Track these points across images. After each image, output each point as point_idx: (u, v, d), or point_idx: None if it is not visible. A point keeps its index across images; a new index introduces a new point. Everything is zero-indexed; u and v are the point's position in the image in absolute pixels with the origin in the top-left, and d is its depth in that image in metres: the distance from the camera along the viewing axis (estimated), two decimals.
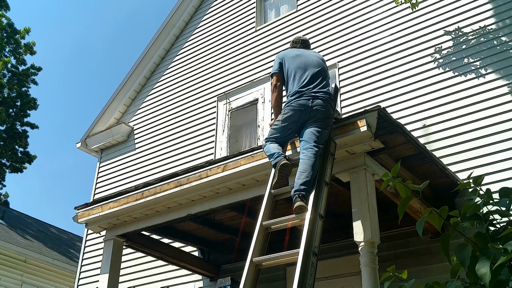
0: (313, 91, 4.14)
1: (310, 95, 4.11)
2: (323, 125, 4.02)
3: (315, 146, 3.88)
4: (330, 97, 4.19)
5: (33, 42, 21.67)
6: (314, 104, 4.05)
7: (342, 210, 5.30)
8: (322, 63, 4.46)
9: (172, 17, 9.60)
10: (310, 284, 3.24)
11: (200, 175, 4.87)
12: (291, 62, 4.42)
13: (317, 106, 4.05)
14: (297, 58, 4.44)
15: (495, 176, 5.21)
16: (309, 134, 3.96)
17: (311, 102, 4.06)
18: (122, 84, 9.69)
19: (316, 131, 3.96)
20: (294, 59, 4.44)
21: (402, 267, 5.27)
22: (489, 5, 6.25)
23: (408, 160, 4.51)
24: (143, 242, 6.03)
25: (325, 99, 4.12)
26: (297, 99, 4.12)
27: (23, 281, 13.26)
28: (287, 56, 4.49)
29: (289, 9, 8.35)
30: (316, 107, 4.04)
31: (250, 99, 7.87)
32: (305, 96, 4.11)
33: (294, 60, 4.43)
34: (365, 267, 3.72)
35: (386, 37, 6.87)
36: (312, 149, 3.86)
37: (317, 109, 4.04)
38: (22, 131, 20.99)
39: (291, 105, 4.13)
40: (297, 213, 3.60)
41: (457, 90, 5.99)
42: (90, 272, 8.50)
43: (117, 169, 9.23)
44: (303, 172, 3.73)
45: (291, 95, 4.20)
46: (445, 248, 1.67)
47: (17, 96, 20.95)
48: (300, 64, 4.37)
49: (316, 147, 3.88)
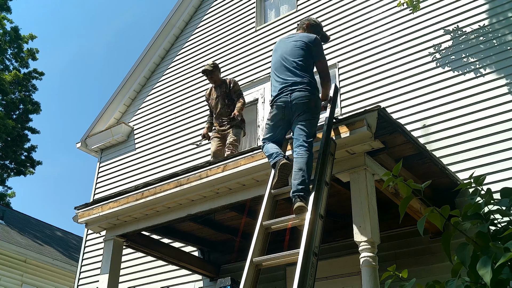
0: (290, 85, 4.06)
1: (287, 89, 4.05)
2: (309, 117, 3.97)
3: (305, 141, 3.86)
4: (311, 84, 4.08)
5: (36, 49, 21.72)
6: (293, 98, 3.99)
7: (342, 210, 5.30)
8: (303, 47, 4.23)
9: (172, 17, 9.59)
10: (310, 284, 3.24)
11: (200, 175, 4.87)
12: (273, 56, 4.40)
13: (296, 99, 3.98)
14: (277, 51, 4.37)
15: (495, 176, 5.20)
16: (297, 131, 3.95)
17: (289, 97, 4.01)
18: (122, 84, 9.69)
19: (302, 126, 3.93)
20: (275, 52, 4.39)
21: (402, 267, 5.26)
22: (488, 5, 6.25)
23: (408, 160, 4.51)
24: (143, 242, 6.03)
25: (304, 89, 4.02)
26: (279, 96, 4.10)
27: (23, 281, 13.26)
28: (274, 50, 4.47)
29: (289, 9, 8.35)
30: (295, 101, 3.98)
31: (250, 99, 7.87)
32: (284, 92, 4.06)
33: (275, 53, 4.39)
34: (365, 267, 3.72)
35: (386, 37, 6.87)
36: (303, 145, 3.84)
37: (297, 103, 3.98)
38: (23, 135, 20.99)
39: (275, 103, 4.12)
40: (297, 213, 3.59)
41: (457, 90, 5.99)
42: (90, 272, 8.50)
43: (117, 169, 9.23)
44: (299, 171, 3.71)
45: (274, 92, 4.18)
46: (446, 247, 1.67)
47: (20, 101, 20.95)
48: (278, 57, 4.30)
49: (306, 142, 3.86)
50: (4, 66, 20.88)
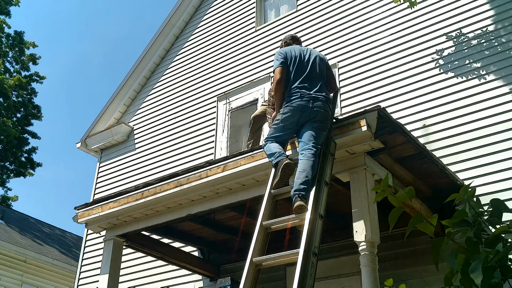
0: (313, 93, 4.15)
1: (311, 96, 4.13)
2: (321, 127, 4.05)
3: (314, 146, 3.90)
4: (329, 99, 4.24)
5: (38, 56, 21.74)
6: (314, 105, 4.08)
7: (342, 210, 5.30)
8: (324, 63, 4.47)
9: (172, 17, 9.59)
10: (310, 284, 3.24)
11: (200, 175, 4.87)
12: (294, 60, 4.39)
13: (317, 107, 4.07)
14: (300, 57, 4.41)
15: (495, 176, 5.21)
16: (308, 135, 3.98)
17: (311, 104, 4.08)
18: (122, 84, 9.69)
19: (314, 132, 3.99)
20: (297, 58, 4.41)
21: (402, 267, 5.30)
22: (488, 5, 6.25)
23: (408, 160, 4.51)
24: (143, 242, 6.03)
25: (324, 101, 4.16)
26: (298, 100, 4.12)
27: (23, 281, 13.27)
28: (290, 53, 4.43)
29: (289, 9, 8.35)
30: (316, 108, 4.07)
31: (250, 99, 7.87)
32: (306, 97, 4.12)
33: (297, 58, 4.40)
34: (365, 267, 3.72)
35: (386, 37, 6.87)
36: (311, 149, 3.88)
37: (317, 110, 4.06)
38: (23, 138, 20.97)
39: (291, 105, 4.12)
40: (297, 213, 3.60)
41: (457, 90, 5.99)
42: (90, 272, 8.50)
43: (117, 169, 9.23)
44: (303, 171, 3.74)
45: (292, 95, 4.18)
46: (435, 254, 1.67)
47: (21, 104, 20.94)
48: (302, 63, 4.35)
49: (314, 147, 3.90)
50: (4, 69, 20.87)
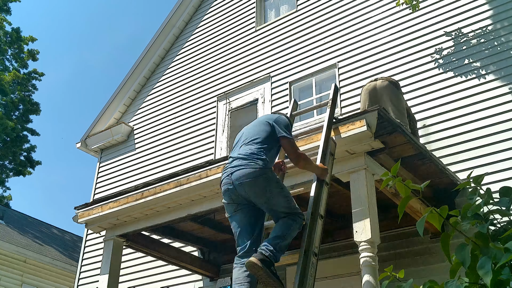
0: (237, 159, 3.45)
1: (228, 168, 3.48)
2: (264, 194, 3.36)
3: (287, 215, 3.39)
4: (258, 153, 3.40)
5: (36, 51, 21.70)
6: (234, 179, 3.38)
7: (342, 210, 5.30)
8: (263, 124, 3.66)
9: (172, 17, 9.59)
10: (310, 284, 3.24)
11: (200, 175, 4.87)
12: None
13: (239, 180, 3.35)
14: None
15: (495, 176, 5.20)
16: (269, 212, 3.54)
17: (231, 179, 3.41)
18: (122, 84, 9.69)
19: (266, 209, 3.51)
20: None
21: (402, 267, 5.29)
22: (487, 5, 6.25)
23: (408, 160, 4.51)
24: (143, 242, 6.03)
25: (249, 161, 3.36)
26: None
27: (23, 281, 13.26)
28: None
29: (289, 9, 8.35)
30: (238, 182, 3.35)
31: (250, 99, 7.88)
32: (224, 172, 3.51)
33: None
34: (365, 267, 3.72)
35: (386, 37, 6.87)
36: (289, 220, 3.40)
37: (241, 183, 3.34)
38: (23, 135, 20.97)
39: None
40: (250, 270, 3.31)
41: (457, 90, 5.99)
42: (90, 272, 8.50)
43: (117, 169, 9.22)
44: None
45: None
46: (445, 247, 1.66)
47: (20, 101, 20.93)
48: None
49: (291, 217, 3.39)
50: (4, 66, 20.86)
